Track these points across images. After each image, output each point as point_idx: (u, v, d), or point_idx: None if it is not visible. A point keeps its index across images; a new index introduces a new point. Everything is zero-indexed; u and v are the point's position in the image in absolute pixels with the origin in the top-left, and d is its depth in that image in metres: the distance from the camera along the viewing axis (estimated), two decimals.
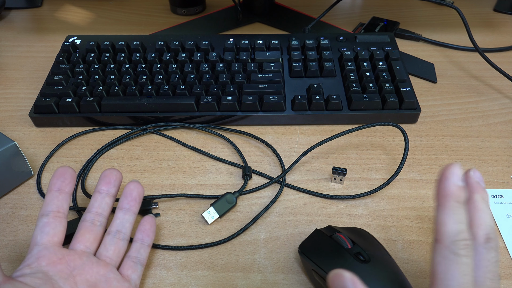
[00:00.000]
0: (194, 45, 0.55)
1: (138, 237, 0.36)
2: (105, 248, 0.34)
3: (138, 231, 0.36)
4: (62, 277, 0.30)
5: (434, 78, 0.57)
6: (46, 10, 0.73)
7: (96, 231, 0.34)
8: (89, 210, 0.35)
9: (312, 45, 0.55)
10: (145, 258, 0.35)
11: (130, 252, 0.35)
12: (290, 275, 0.36)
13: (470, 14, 0.70)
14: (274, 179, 0.43)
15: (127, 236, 0.35)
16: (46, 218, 0.32)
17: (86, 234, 0.34)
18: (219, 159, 0.46)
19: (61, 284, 0.30)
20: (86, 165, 0.45)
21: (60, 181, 0.34)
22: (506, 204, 0.42)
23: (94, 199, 0.36)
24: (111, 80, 0.50)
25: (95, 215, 0.35)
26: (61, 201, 0.33)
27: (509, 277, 0.36)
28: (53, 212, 0.33)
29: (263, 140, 0.48)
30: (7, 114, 0.52)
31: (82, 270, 0.31)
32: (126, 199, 0.36)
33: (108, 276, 0.32)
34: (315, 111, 0.49)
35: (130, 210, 0.36)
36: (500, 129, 0.50)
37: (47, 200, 0.33)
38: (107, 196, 0.36)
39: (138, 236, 0.36)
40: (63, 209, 0.33)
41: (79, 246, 0.33)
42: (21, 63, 0.60)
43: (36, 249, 0.31)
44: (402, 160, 0.42)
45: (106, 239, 0.35)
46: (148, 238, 0.36)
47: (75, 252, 0.32)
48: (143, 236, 0.36)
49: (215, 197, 0.42)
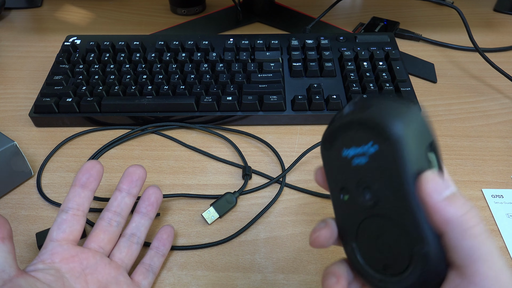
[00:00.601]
0: (194, 45, 0.55)
1: (154, 245, 0.36)
2: (118, 250, 0.34)
3: (155, 239, 0.36)
4: (74, 275, 0.30)
5: (434, 78, 0.57)
6: (46, 10, 0.73)
7: (111, 232, 0.34)
8: (107, 208, 0.35)
9: (312, 45, 0.55)
10: (158, 267, 0.35)
11: (145, 259, 0.35)
12: (290, 275, 0.36)
13: (470, 14, 0.70)
14: (274, 179, 0.43)
15: (141, 240, 0.35)
16: (65, 215, 0.32)
17: (101, 234, 0.34)
18: (219, 159, 0.46)
19: (72, 282, 0.30)
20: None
21: (85, 177, 0.33)
22: (506, 204, 0.42)
23: (114, 197, 0.35)
24: (111, 80, 0.50)
25: (113, 214, 0.34)
26: (82, 199, 0.33)
27: None
28: (73, 209, 0.32)
29: (263, 140, 0.48)
30: (7, 114, 0.52)
31: (94, 270, 0.31)
32: (144, 203, 0.36)
33: (119, 279, 0.32)
34: (315, 111, 0.49)
35: (147, 214, 0.36)
36: (500, 129, 0.50)
37: (69, 196, 0.33)
38: (128, 196, 0.35)
39: (155, 243, 0.36)
40: (83, 208, 0.33)
41: (93, 246, 0.33)
42: (21, 63, 0.60)
43: (51, 245, 0.31)
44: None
45: (120, 241, 0.35)
46: (163, 248, 0.36)
47: (89, 251, 0.32)
48: (159, 244, 0.36)
49: (215, 197, 0.42)
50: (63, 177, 0.44)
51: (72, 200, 0.33)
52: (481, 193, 0.43)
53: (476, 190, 0.43)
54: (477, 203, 0.42)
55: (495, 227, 0.40)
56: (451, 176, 0.44)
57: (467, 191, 0.43)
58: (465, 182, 0.44)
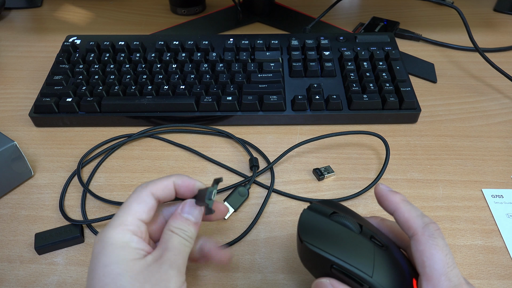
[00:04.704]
0: (194, 45, 0.55)
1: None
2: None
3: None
4: None
5: (434, 78, 0.57)
6: (46, 10, 0.73)
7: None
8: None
9: (312, 45, 0.55)
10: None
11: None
12: (290, 275, 0.36)
13: (470, 14, 0.70)
14: (266, 167, 0.43)
15: None
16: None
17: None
18: (219, 163, 0.46)
19: None
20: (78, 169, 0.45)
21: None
22: (506, 204, 0.42)
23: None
24: (111, 80, 0.50)
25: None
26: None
27: (509, 277, 0.36)
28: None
29: (246, 141, 0.48)
30: (7, 114, 0.52)
31: None
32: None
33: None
34: (315, 111, 0.49)
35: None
36: (500, 129, 0.50)
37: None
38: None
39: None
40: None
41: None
42: (21, 63, 0.60)
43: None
44: (382, 168, 0.44)
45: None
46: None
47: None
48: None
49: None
50: (63, 177, 0.44)
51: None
52: (481, 193, 0.43)
53: (476, 190, 0.43)
54: (477, 203, 0.42)
55: (495, 227, 0.40)
56: (451, 176, 0.44)
57: (467, 191, 0.43)
58: (465, 182, 0.44)
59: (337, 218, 0.29)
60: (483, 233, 0.39)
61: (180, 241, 0.28)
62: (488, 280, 0.36)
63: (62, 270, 0.37)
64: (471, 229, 0.40)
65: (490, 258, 0.37)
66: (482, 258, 0.37)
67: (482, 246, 0.38)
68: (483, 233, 0.39)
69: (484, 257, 0.37)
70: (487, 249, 0.38)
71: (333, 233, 0.28)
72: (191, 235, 0.29)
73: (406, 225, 0.27)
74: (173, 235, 0.28)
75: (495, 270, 0.37)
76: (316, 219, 0.29)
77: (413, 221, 0.27)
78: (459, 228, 0.40)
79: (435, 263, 0.25)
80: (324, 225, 0.29)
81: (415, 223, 0.27)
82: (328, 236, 0.28)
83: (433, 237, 0.26)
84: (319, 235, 0.28)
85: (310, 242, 0.28)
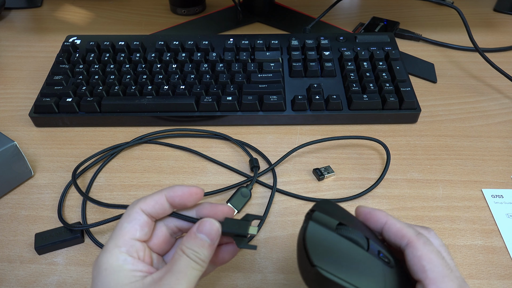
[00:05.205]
0: (194, 45, 0.55)
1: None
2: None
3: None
4: None
5: (434, 78, 0.57)
6: (46, 10, 0.73)
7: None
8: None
9: (312, 45, 0.55)
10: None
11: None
12: (290, 275, 0.36)
13: (470, 14, 0.70)
14: (268, 168, 0.43)
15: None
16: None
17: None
18: (220, 163, 0.46)
19: None
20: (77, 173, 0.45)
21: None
22: (506, 204, 0.42)
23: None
24: (111, 80, 0.50)
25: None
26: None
27: (509, 277, 0.36)
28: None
29: (247, 143, 0.48)
30: (7, 114, 0.52)
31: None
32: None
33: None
34: (315, 111, 0.49)
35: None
36: (500, 129, 0.50)
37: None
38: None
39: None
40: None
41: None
42: (21, 63, 0.60)
43: None
44: (382, 173, 0.43)
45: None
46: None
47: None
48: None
49: (212, 193, 0.42)
50: (63, 177, 0.44)
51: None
52: (481, 193, 0.43)
53: (476, 190, 0.43)
54: (477, 203, 0.42)
55: (495, 227, 0.40)
56: (451, 176, 0.44)
57: (467, 191, 0.43)
58: (465, 182, 0.44)
59: (346, 233, 0.27)
60: (483, 233, 0.39)
61: (188, 263, 0.26)
62: (488, 280, 0.36)
63: (62, 270, 0.37)
64: (471, 229, 0.40)
65: (490, 258, 0.37)
66: (482, 258, 0.37)
67: (482, 246, 0.38)
68: (483, 233, 0.39)
69: (484, 257, 0.38)
70: (487, 249, 0.38)
71: (344, 253, 0.26)
72: (203, 258, 0.27)
73: (400, 234, 0.27)
74: (182, 256, 0.26)
75: (495, 270, 0.37)
76: (324, 236, 0.27)
77: (406, 230, 0.27)
78: (459, 228, 0.40)
79: (436, 266, 0.25)
80: (333, 243, 0.26)
81: (408, 231, 0.27)
82: (340, 258, 0.26)
83: (428, 243, 0.26)
84: (331, 258, 0.26)
85: (324, 268, 0.25)
